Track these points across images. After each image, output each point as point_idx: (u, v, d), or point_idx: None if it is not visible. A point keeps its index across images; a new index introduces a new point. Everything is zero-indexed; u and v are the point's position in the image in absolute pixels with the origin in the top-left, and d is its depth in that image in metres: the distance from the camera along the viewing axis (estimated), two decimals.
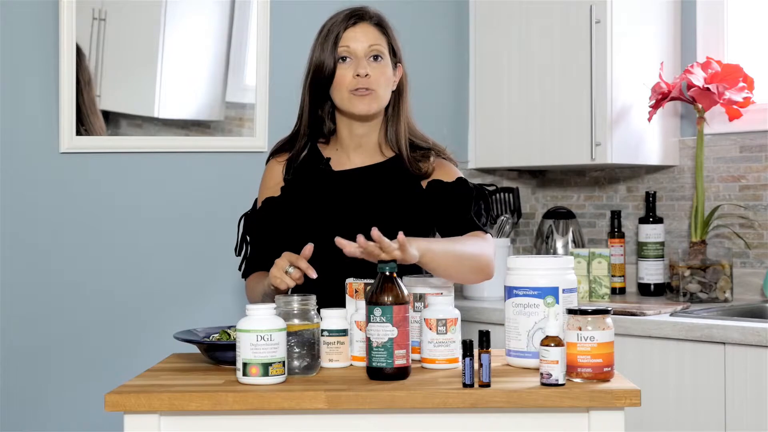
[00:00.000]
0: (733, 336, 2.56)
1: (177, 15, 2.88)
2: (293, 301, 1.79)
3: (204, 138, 2.93)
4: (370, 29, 2.15)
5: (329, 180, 2.19)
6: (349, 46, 2.12)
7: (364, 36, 2.13)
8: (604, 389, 1.65)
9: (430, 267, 1.92)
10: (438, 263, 1.92)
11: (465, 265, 2.00)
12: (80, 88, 2.69)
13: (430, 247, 1.90)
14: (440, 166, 2.20)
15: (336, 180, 2.19)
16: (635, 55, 3.24)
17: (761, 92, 3.15)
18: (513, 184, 3.65)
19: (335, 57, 2.12)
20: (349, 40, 2.12)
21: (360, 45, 2.12)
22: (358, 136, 2.20)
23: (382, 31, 2.16)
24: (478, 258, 2.03)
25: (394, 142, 2.19)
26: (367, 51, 2.13)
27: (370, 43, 2.13)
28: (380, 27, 2.16)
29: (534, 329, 1.82)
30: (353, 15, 2.15)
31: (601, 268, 3.20)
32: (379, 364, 1.72)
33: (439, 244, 1.96)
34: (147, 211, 2.85)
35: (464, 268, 2.00)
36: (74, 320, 2.71)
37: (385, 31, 2.17)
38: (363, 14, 2.15)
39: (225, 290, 2.96)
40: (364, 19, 2.15)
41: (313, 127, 2.22)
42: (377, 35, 2.15)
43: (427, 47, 3.43)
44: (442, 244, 1.97)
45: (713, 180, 3.28)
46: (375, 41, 2.14)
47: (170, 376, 1.82)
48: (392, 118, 2.20)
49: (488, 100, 3.48)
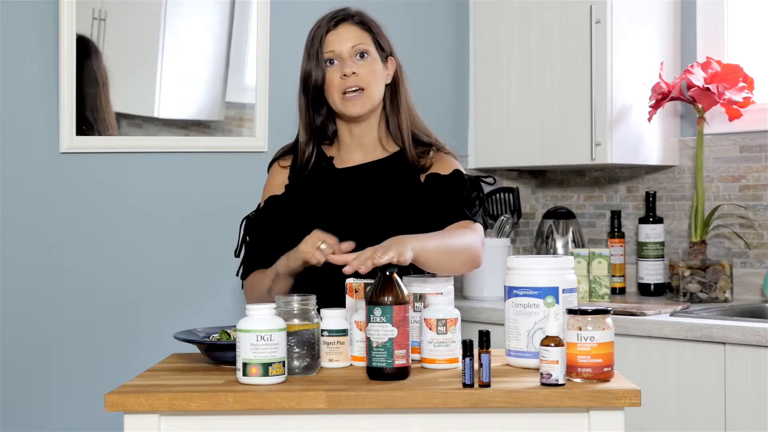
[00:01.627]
0: (733, 336, 2.56)
1: (177, 15, 2.87)
2: (293, 301, 1.79)
3: (204, 138, 2.93)
4: (352, 28, 2.18)
5: (332, 178, 2.21)
6: (334, 49, 2.16)
7: (346, 36, 2.17)
8: (604, 389, 1.65)
9: (424, 264, 1.93)
10: (431, 260, 1.93)
11: (456, 260, 2.02)
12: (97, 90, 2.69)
13: (425, 245, 1.91)
14: (439, 159, 2.23)
15: (338, 177, 2.20)
16: (635, 55, 3.24)
17: (761, 92, 3.15)
18: (513, 184, 3.65)
19: (322, 65, 2.15)
20: (332, 44, 2.16)
21: (344, 46, 2.16)
22: (358, 136, 2.22)
23: (365, 29, 2.19)
24: (468, 250, 2.06)
25: (397, 135, 2.22)
26: (351, 51, 2.16)
27: (353, 43, 2.16)
28: (362, 25, 2.19)
29: (534, 329, 1.82)
30: (333, 18, 2.18)
31: (601, 268, 3.20)
32: (379, 364, 1.72)
33: (432, 241, 1.96)
34: (147, 211, 2.85)
35: (456, 262, 2.02)
36: (74, 320, 2.71)
37: (368, 28, 2.19)
38: (344, 16, 2.19)
39: (225, 290, 2.96)
40: (345, 20, 2.18)
41: (317, 131, 2.23)
42: (359, 33, 2.18)
43: (427, 47, 3.43)
44: (435, 240, 1.98)
45: (713, 180, 3.28)
46: (358, 40, 2.17)
47: (170, 376, 1.82)
48: (391, 111, 2.23)
49: (488, 100, 3.48)
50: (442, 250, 1.97)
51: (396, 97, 2.23)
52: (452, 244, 2.01)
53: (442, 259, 1.96)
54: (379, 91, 2.19)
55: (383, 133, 2.24)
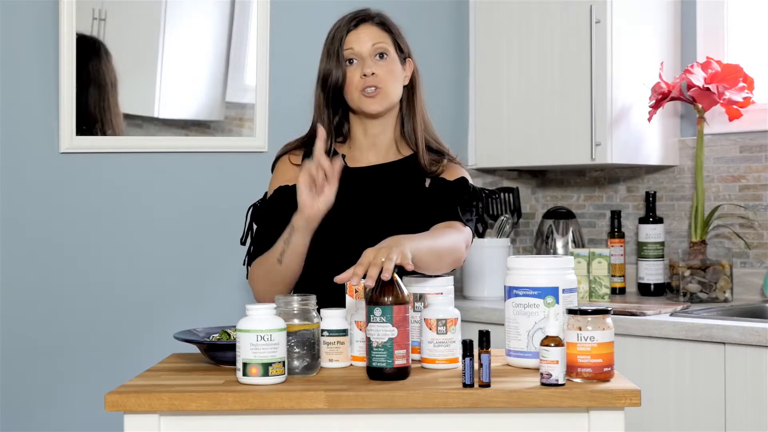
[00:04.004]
0: (733, 336, 2.56)
1: (177, 15, 2.88)
2: (293, 301, 1.79)
3: (204, 138, 2.93)
4: (372, 29, 2.20)
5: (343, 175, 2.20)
6: (353, 48, 2.18)
7: (366, 36, 2.18)
8: (604, 389, 1.65)
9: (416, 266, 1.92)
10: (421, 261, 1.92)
11: (444, 261, 2.02)
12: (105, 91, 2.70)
13: (418, 246, 1.91)
14: (450, 168, 2.25)
15: (349, 176, 2.20)
16: (635, 55, 3.24)
17: (761, 92, 3.15)
18: (513, 184, 3.65)
19: (343, 64, 2.17)
20: (352, 43, 2.18)
21: (364, 45, 2.18)
22: (372, 135, 2.23)
23: (385, 29, 2.21)
24: (454, 251, 2.06)
25: (411, 138, 2.23)
26: (371, 50, 2.18)
27: (373, 42, 2.18)
28: (383, 26, 2.21)
29: (534, 329, 1.82)
30: (355, 18, 2.20)
31: (601, 268, 3.20)
32: (379, 364, 1.72)
33: (423, 241, 1.96)
34: (147, 211, 2.85)
35: (443, 263, 2.02)
36: (74, 320, 2.71)
37: (388, 29, 2.22)
38: (364, 16, 2.21)
39: (225, 290, 2.96)
40: (365, 20, 2.20)
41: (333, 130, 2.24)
42: (380, 34, 2.20)
43: (427, 47, 3.43)
44: (425, 241, 1.97)
45: (713, 180, 3.28)
46: (378, 40, 2.19)
47: (170, 376, 1.82)
48: (407, 113, 2.25)
49: (488, 100, 3.48)
50: (432, 251, 1.97)
51: (412, 99, 2.25)
52: (440, 246, 2.01)
53: (432, 260, 1.96)
54: (397, 92, 2.21)
55: (398, 136, 2.25)
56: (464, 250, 2.12)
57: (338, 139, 2.28)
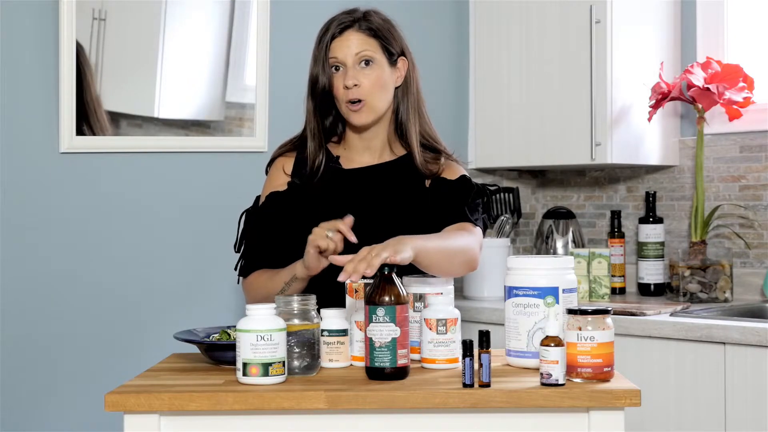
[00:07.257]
0: (733, 336, 2.56)
1: (177, 15, 2.88)
2: (293, 301, 1.79)
3: (204, 138, 2.93)
4: (357, 36, 2.14)
5: (338, 177, 2.20)
6: (337, 56, 2.14)
7: (351, 44, 2.13)
8: (604, 389, 1.65)
9: (424, 265, 1.92)
10: (431, 261, 1.92)
11: (455, 262, 2.01)
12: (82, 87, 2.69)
13: (425, 245, 1.91)
14: (448, 166, 2.23)
15: (345, 178, 2.19)
16: (635, 55, 3.24)
17: (761, 92, 3.15)
18: (513, 184, 3.65)
19: (328, 71, 2.14)
20: (336, 51, 2.14)
21: (348, 53, 2.13)
22: (366, 138, 2.22)
23: (371, 35, 2.15)
24: (466, 252, 2.05)
25: (404, 138, 2.20)
26: (355, 59, 2.13)
27: (357, 51, 2.13)
28: (369, 31, 2.15)
29: (534, 329, 1.82)
30: (340, 23, 2.15)
31: (601, 268, 3.20)
32: (382, 364, 1.72)
33: (432, 241, 1.96)
34: (147, 211, 2.85)
35: (454, 264, 2.01)
36: (74, 320, 2.71)
37: (375, 34, 2.15)
38: (350, 22, 2.15)
39: (225, 290, 2.96)
40: (350, 26, 2.15)
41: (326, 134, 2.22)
42: (365, 41, 2.14)
43: (427, 47, 3.43)
44: (435, 241, 1.97)
45: (713, 180, 3.28)
46: (362, 48, 2.14)
47: (170, 376, 1.82)
48: (402, 113, 2.21)
49: (488, 100, 3.48)
50: (442, 251, 1.97)
51: (405, 99, 2.20)
52: (451, 246, 2.01)
53: (442, 260, 1.96)
54: (384, 101, 2.16)
55: (392, 136, 2.23)
56: (477, 251, 2.10)
57: (333, 139, 2.26)
